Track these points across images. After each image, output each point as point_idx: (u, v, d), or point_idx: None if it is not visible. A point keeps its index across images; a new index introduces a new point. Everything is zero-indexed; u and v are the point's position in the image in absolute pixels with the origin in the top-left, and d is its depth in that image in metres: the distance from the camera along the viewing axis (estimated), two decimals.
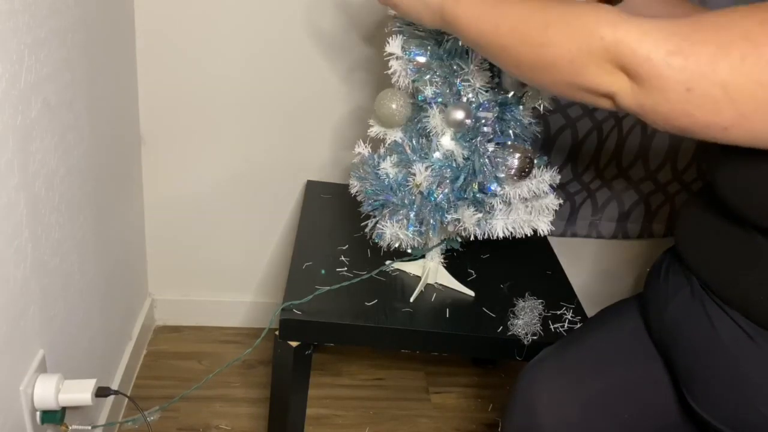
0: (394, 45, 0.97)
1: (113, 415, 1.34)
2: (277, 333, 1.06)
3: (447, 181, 0.99)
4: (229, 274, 1.67)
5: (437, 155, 0.99)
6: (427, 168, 0.99)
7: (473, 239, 1.05)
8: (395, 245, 1.06)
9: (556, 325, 1.12)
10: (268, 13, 1.34)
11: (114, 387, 1.29)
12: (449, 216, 1.00)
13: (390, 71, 0.98)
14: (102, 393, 1.00)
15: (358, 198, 1.09)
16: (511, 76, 0.75)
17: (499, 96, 0.97)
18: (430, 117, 0.98)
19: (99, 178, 1.15)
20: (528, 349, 1.08)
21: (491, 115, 0.96)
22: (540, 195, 1.02)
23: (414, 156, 1.00)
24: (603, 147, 1.46)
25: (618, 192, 1.55)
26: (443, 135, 0.99)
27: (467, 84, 0.95)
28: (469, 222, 0.98)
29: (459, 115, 0.94)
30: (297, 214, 1.52)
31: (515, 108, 0.98)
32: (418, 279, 1.17)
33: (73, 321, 1.08)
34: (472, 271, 1.24)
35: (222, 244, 1.61)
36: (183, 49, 1.35)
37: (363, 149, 1.08)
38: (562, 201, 1.06)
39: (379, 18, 1.36)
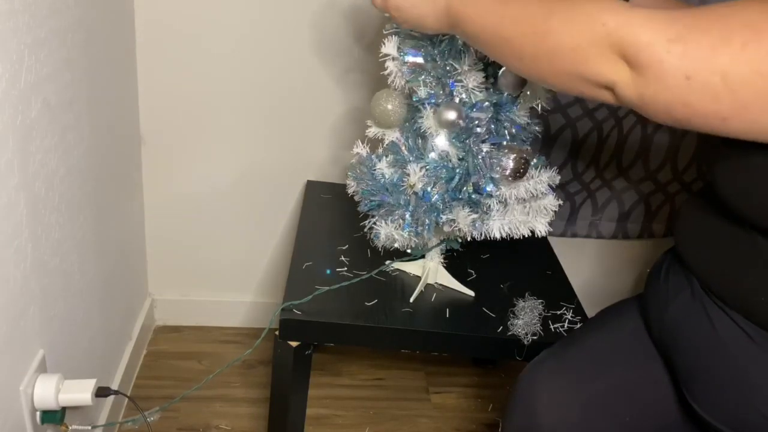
0: (389, 46, 0.97)
1: (113, 415, 1.34)
2: (277, 333, 1.06)
3: (442, 182, 0.99)
4: (229, 274, 1.67)
5: (432, 156, 0.99)
6: (422, 168, 0.99)
7: (472, 239, 1.05)
8: (391, 245, 1.06)
9: (556, 325, 1.12)
10: (267, 15, 1.34)
11: (114, 387, 1.29)
12: (444, 216, 1.00)
13: (386, 72, 0.98)
14: (102, 393, 1.00)
15: (355, 198, 1.09)
16: (514, 71, 0.74)
17: (494, 96, 0.97)
18: (423, 118, 0.98)
19: (99, 178, 1.15)
20: (528, 349, 1.08)
21: (485, 116, 0.96)
22: (538, 196, 1.01)
23: (410, 156, 1.00)
24: (603, 147, 1.46)
25: (618, 192, 1.55)
26: (438, 135, 0.99)
27: (460, 84, 0.95)
28: (464, 222, 0.98)
29: (451, 116, 0.94)
30: (297, 214, 1.52)
31: (510, 108, 0.98)
32: (418, 279, 1.17)
33: (73, 321, 1.08)
34: (472, 271, 1.24)
35: (222, 244, 1.61)
36: (183, 50, 1.36)
37: (361, 149, 1.08)
38: (561, 202, 1.06)
39: (377, 19, 1.36)
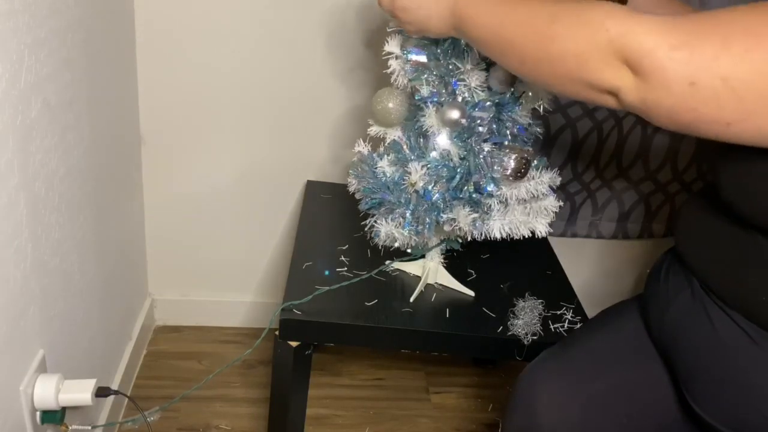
0: (392, 44, 0.97)
1: (113, 415, 1.34)
2: (277, 333, 1.06)
3: (443, 181, 0.99)
4: (229, 274, 1.67)
5: (434, 154, 0.99)
6: (423, 167, 0.99)
7: (472, 240, 1.05)
8: (392, 244, 1.06)
9: (556, 325, 1.12)
10: (268, 14, 1.34)
11: (114, 387, 1.29)
12: (445, 215, 1.00)
13: (389, 70, 0.98)
14: (102, 393, 1.00)
15: (356, 196, 1.09)
16: (517, 75, 0.74)
17: (496, 96, 0.97)
18: (426, 116, 0.98)
19: (99, 178, 1.15)
20: (528, 349, 1.08)
21: (487, 115, 0.96)
22: (539, 196, 1.01)
23: (411, 155, 1.00)
24: (603, 147, 1.46)
25: (618, 192, 1.55)
26: (439, 134, 0.99)
27: (463, 83, 0.95)
28: (464, 222, 0.98)
29: (454, 115, 0.94)
30: (297, 214, 1.52)
31: (512, 108, 0.98)
32: (418, 279, 1.16)
33: (73, 321, 1.08)
34: (472, 271, 1.24)
35: (222, 244, 1.61)
36: (183, 50, 1.35)
37: (362, 148, 1.08)
38: (561, 203, 1.06)
39: (379, 17, 1.36)
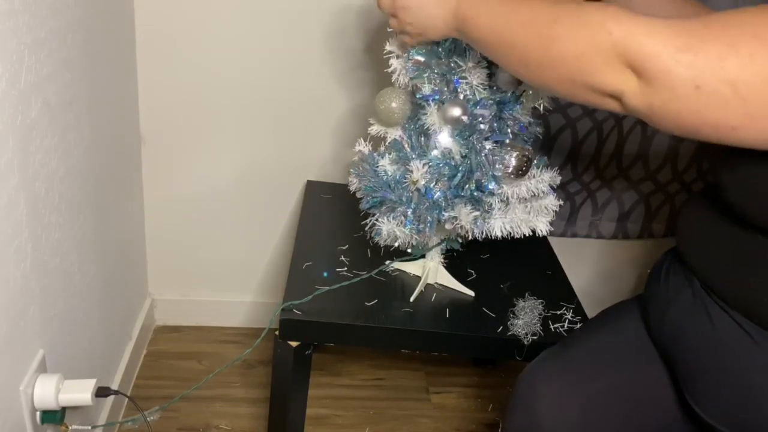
0: (393, 43, 0.97)
1: (113, 415, 1.34)
2: (277, 333, 1.06)
3: (444, 179, 0.99)
4: (229, 274, 1.67)
5: (435, 153, 0.99)
6: (425, 165, 0.99)
7: (473, 239, 1.05)
8: (393, 243, 1.06)
9: (556, 325, 1.12)
10: (268, 13, 1.34)
11: (114, 387, 1.29)
12: (446, 214, 1.00)
13: (390, 69, 0.98)
14: (102, 393, 1.00)
15: (357, 195, 1.08)
16: (520, 78, 0.74)
17: (497, 94, 0.97)
18: (427, 114, 0.98)
19: (99, 178, 1.15)
20: (528, 349, 1.08)
21: (488, 113, 0.96)
22: (539, 195, 1.01)
23: (412, 153, 1.00)
24: (603, 147, 1.46)
25: (618, 192, 1.55)
26: (441, 132, 0.99)
27: (464, 81, 0.95)
28: (466, 220, 0.98)
29: (455, 112, 0.94)
30: (297, 214, 1.52)
31: (514, 107, 0.98)
32: (418, 279, 1.16)
33: (73, 321, 1.08)
34: (472, 271, 1.24)
35: (222, 244, 1.61)
36: (183, 49, 1.35)
37: (363, 147, 1.08)
38: (562, 202, 1.06)
39: (380, 17, 1.36)
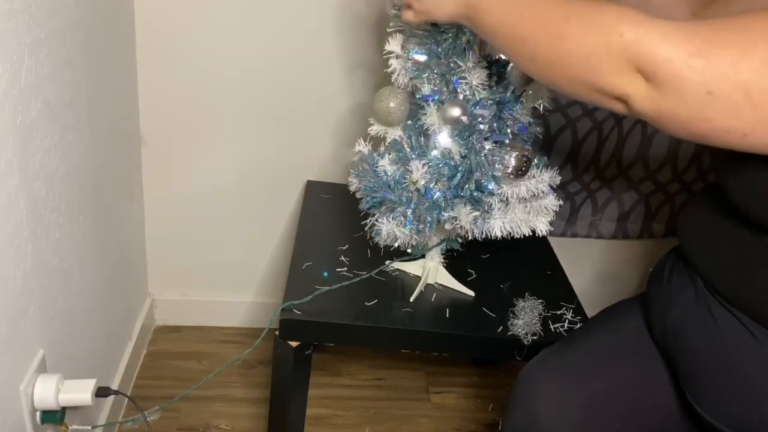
0: (393, 43, 0.97)
1: (113, 415, 1.34)
2: (277, 333, 1.06)
3: (444, 179, 0.99)
4: (229, 274, 1.67)
5: (435, 153, 0.99)
6: (425, 165, 0.99)
7: (473, 239, 1.05)
8: (393, 243, 1.06)
9: (556, 325, 1.12)
10: (268, 13, 1.34)
11: (114, 387, 1.29)
12: (446, 214, 1.00)
13: (390, 69, 0.98)
14: (102, 393, 1.00)
15: (356, 195, 1.09)
16: (527, 73, 0.72)
17: (497, 94, 0.97)
18: (427, 114, 0.98)
19: (99, 178, 1.15)
20: (528, 349, 1.08)
21: (488, 113, 0.96)
22: (539, 195, 1.02)
23: (412, 153, 1.00)
24: (603, 147, 1.46)
25: (618, 192, 1.55)
26: (440, 133, 0.99)
27: (464, 81, 0.95)
28: (466, 220, 0.98)
29: (455, 112, 0.94)
30: (297, 214, 1.52)
31: (513, 107, 0.98)
32: (418, 279, 1.16)
33: (73, 321, 1.08)
34: (472, 271, 1.24)
35: (222, 244, 1.61)
36: (183, 49, 1.35)
37: (363, 147, 1.08)
38: (561, 202, 1.06)
39: (380, 16, 1.36)
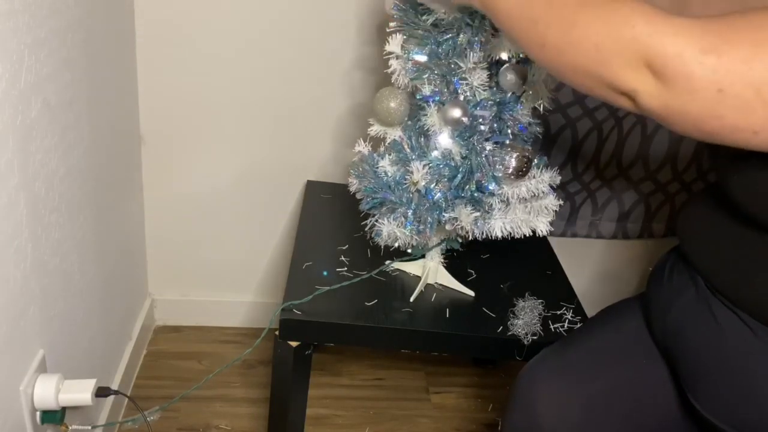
0: (393, 44, 0.97)
1: (113, 415, 1.34)
2: (277, 333, 1.06)
3: (445, 180, 0.99)
4: (229, 274, 1.67)
5: (435, 154, 0.99)
6: (425, 166, 0.99)
7: (473, 239, 1.05)
8: (394, 244, 1.06)
9: (556, 325, 1.12)
10: (268, 13, 1.34)
11: (114, 387, 1.29)
12: (447, 215, 1.00)
13: (390, 70, 0.98)
14: (102, 393, 1.00)
15: (357, 196, 1.09)
16: (535, 60, 0.71)
17: (498, 95, 0.97)
18: (427, 115, 0.98)
19: (99, 178, 1.15)
20: (528, 349, 1.08)
21: (488, 114, 0.96)
22: (539, 195, 1.01)
23: (412, 154, 1.00)
24: (603, 147, 1.46)
25: (618, 192, 1.55)
26: (441, 133, 0.99)
27: (465, 82, 0.95)
28: (467, 221, 0.98)
29: (456, 113, 0.94)
30: (297, 214, 1.52)
31: (514, 107, 0.98)
32: (418, 279, 1.16)
33: (73, 321, 1.08)
34: (472, 271, 1.24)
35: (222, 244, 1.61)
36: (183, 49, 1.35)
37: (363, 148, 1.08)
38: (561, 202, 1.06)
39: (380, 17, 1.36)
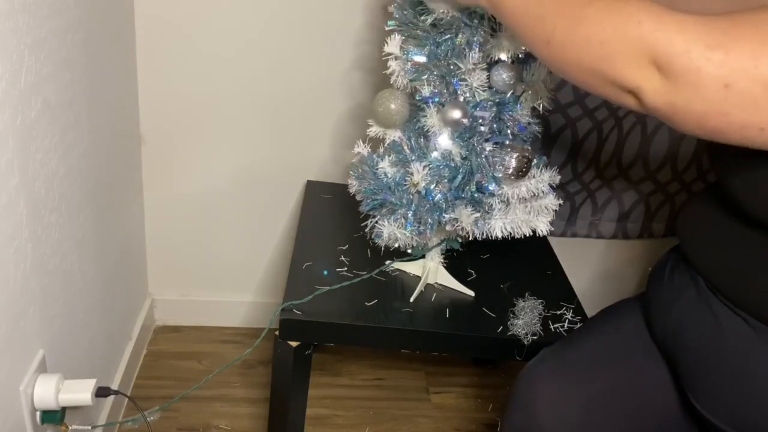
0: (392, 45, 0.97)
1: (113, 415, 1.34)
2: (277, 333, 1.06)
3: (445, 181, 0.99)
4: (229, 274, 1.67)
5: (435, 155, 0.99)
6: (425, 167, 0.99)
7: (473, 239, 1.05)
8: (394, 245, 1.06)
9: (556, 325, 1.12)
10: (268, 13, 1.34)
11: (114, 387, 1.29)
12: (447, 215, 1.00)
13: (389, 71, 0.98)
14: (102, 393, 1.00)
15: (357, 197, 1.09)
16: (540, 58, 0.71)
17: (497, 96, 0.97)
18: (427, 116, 0.98)
19: (99, 178, 1.15)
20: (528, 349, 1.08)
21: (488, 115, 0.96)
22: (539, 195, 1.02)
23: (412, 155, 1.00)
24: (603, 147, 1.46)
25: (618, 192, 1.55)
26: (441, 134, 0.99)
27: (464, 83, 0.95)
28: (467, 221, 0.98)
29: (455, 114, 0.94)
30: (297, 214, 1.52)
31: (513, 108, 0.98)
32: (418, 279, 1.16)
33: (73, 321, 1.08)
34: (472, 271, 1.24)
35: (222, 244, 1.61)
36: (183, 49, 1.35)
37: (362, 149, 1.08)
38: (561, 201, 1.06)
39: (379, 17, 1.36)
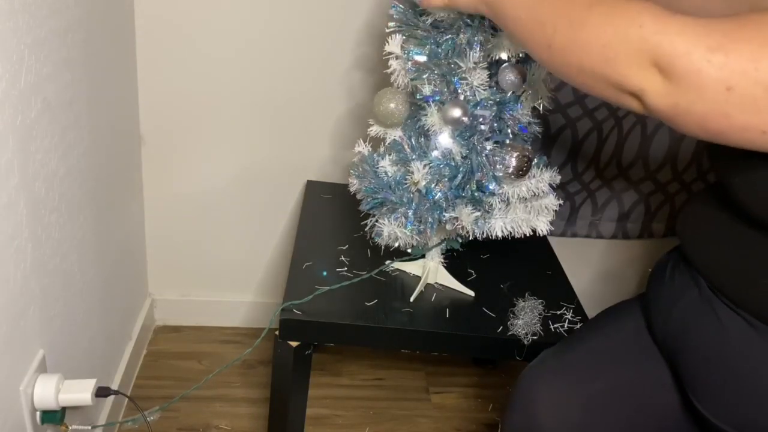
0: (393, 44, 0.97)
1: (113, 415, 1.34)
2: (277, 333, 1.06)
3: (445, 180, 0.99)
4: (229, 274, 1.67)
5: (435, 153, 0.99)
6: (426, 166, 0.99)
7: (473, 239, 1.05)
8: (394, 244, 1.06)
9: (556, 325, 1.12)
10: (268, 14, 1.34)
11: (114, 387, 1.29)
12: (447, 214, 1.00)
13: (389, 70, 0.98)
14: (102, 393, 1.00)
15: (357, 196, 1.08)
16: (541, 62, 0.71)
17: (497, 95, 0.97)
18: (427, 115, 0.98)
19: (99, 178, 1.15)
20: (528, 349, 1.08)
21: (489, 114, 0.96)
22: (539, 195, 1.02)
23: (413, 154, 1.00)
24: (603, 147, 1.46)
25: (618, 192, 1.55)
26: (441, 133, 0.99)
27: (465, 82, 0.95)
28: (467, 220, 0.98)
29: (456, 113, 0.94)
30: (297, 214, 1.52)
31: (514, 107, 0.98)
32: (418, 279, 1.16)
33: (73, 321, 1.08)
34: (472, 271, 1.24)
35: (222, 244, 1.61)
36: (183, 49, 1.35)
37: (363, 148, 1.08)
38: (561, 201, 1.06)
39: (379, 17, 1.36)
